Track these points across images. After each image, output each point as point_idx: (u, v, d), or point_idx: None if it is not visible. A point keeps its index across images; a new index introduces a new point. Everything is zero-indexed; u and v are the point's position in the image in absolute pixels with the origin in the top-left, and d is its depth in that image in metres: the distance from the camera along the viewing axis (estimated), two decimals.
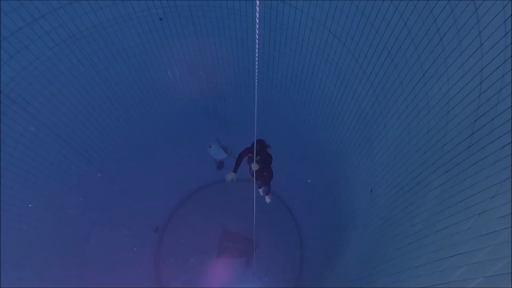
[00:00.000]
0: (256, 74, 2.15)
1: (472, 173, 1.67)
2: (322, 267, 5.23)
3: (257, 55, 1.95)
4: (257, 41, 1.88)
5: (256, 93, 2.37)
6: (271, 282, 6.69)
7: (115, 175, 5.14)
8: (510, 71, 1.44)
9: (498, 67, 1.53)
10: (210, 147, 5.37)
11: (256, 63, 2.02)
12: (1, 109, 2.98)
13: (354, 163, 3.80)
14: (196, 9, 3.40)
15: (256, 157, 3.32)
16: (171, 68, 4.19)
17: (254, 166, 3.35)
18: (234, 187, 6.30)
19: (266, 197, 5.01)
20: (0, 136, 3.06)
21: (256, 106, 2.49)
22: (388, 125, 2.87)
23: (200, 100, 4.95)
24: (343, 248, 4.22)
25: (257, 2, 1.76)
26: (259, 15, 1.94)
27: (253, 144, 3.08)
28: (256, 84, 2.27)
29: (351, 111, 3.50)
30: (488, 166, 1.54)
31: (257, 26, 1.96)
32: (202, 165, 6.60)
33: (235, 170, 3.50)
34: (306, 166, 5.58)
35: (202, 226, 7.07)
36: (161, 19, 3.39)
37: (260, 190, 4.91)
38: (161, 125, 5.15)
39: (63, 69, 3.30)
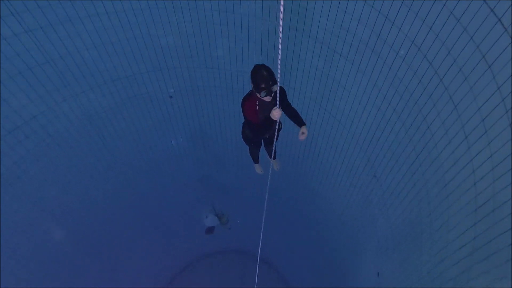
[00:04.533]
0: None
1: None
2: None
3: None
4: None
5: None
6: None
7: (103, 251, 4.81)
8: None
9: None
10: (206, 217, 5.06)
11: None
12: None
13: (359, 242, 3.64)
14: (198, 92, 3.78)
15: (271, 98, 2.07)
16: (175, 137, 4.39)
17: (277, 112, 2.08)
18: (229, 261, 5.83)
19: (275, 162, 3.39)
20: None
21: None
22: (388, 203, 2.87)
23: (198, 167, 5.03)
24: None
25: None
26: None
27: (263, 87, 1.98)
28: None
29: (354, 189, 3.55)
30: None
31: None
32: (195, 236, 6.25)
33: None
34: (310, 245, 5.32)
35: None
36: (171, 97, 3.72)
37: (272, 161, 2.94)
38: (157, 195, 5.09)
39: (73, 143, 3.45)
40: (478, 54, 1.61)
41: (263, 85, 1.96)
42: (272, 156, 2.77)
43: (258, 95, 2.05)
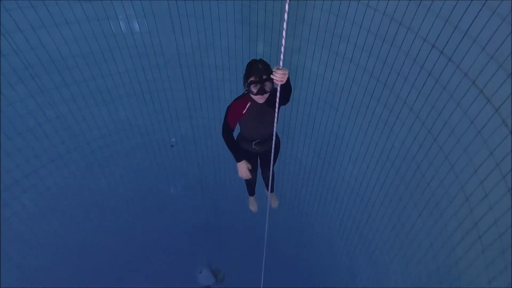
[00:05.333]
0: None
1: None
2: None
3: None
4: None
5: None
6: None
7: None
8: None
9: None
10: (200, 272, 4.59)
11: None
12: None
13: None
14: (200, 141, 3.87)
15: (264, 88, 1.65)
16: (173, 184, 4.36)
17: (279, 75, 1.33)
18: None
19: (272, 196, 2.79)
20: None
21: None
22: (391, 260, 2.71)
23: (195, 214, 4.89)
24: None
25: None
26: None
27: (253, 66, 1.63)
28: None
29: (353, 237, 3.41)
30: None
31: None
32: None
33: (239, 158, 2.07)
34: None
35: None
36: (172, 145, 3.79)
37: (269, 195, 2.69)
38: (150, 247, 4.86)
39: (77, 188, 3.42)
40: (473, 129, 1.69)
41: (253, 78, 1.59)
42: (270, 188, 2.48)
43: (249, 93, 1.66)
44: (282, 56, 1.22)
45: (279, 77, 1.31)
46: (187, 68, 3.19)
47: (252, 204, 2.96)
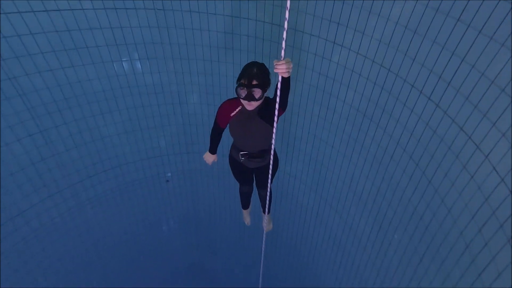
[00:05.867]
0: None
1: None
2: None
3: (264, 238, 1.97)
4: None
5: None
6: None
7: None
8: None
9: None
10: None
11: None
12: None
13: None
14: (196, 175, 3.84)
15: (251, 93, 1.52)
16: (166, 221, 4.22)
17: (282, 66, 1.21)
18: None
19: (267, 218, 2.49)
20: None
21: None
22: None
23: (188, 252, 4.67)
24: None
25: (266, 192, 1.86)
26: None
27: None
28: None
29: (349, 276, 3.24)
30: None
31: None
32: None
33: (212, 150, 2.04)
34: None
35: None
36: (167, 181, 3.75)
37: (264, 217, 2.45)
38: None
39: (72, 225, 3.30)
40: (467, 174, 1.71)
41: (243, 81, 1.49)
42: (266, 210, 2.24)
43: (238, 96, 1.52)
44: (283, 52, 1.13)
45: (283, 68, 1.18)
46: (186, 105, 3.28)
47: (246, 218, 2.77)
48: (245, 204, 2.63)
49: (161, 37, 2.75)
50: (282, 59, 1.18)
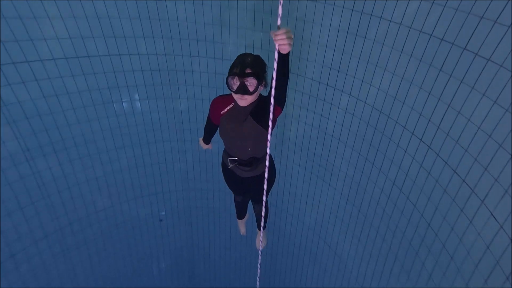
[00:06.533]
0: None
1: None
2: None
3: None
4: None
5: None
6: None
7: None
8: None
9: None
10: None
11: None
12: None
13: None
14: (190, 214, 3.73)
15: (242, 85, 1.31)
16: (157, 262, 4.00)
17: (281, 36, 0.98)
18: None
19: (262, 235, 2.27)
20: None
21: None
22: None
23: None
24: None
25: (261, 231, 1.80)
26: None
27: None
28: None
29: None
30: None
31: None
32: None
33: (206, 140, 1.94)
34: None
35: None
36: (161, 220, 3.62)
37: (259, 233, 2.29)
38: None
39: (55, 271, 3.07)
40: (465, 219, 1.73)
41: (235, 69, 1.28)
42: (262, 226, 2.07)
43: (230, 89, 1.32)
44: (279, 21, 0.94)
45: (283, 38, 0.96)
46: (180, 141, 3.28)
47: (241, 228, 2.55)
48: (240, 214, 2.38)
49: (161, 79, 2.84)
50: (279, 29, 0.97)
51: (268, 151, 1.30)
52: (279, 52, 1.03)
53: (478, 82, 1.49)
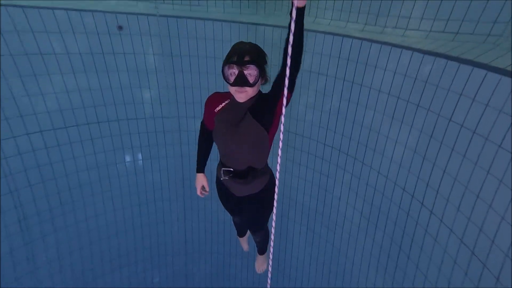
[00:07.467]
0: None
1: None
2: None
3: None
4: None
5: None
6: None
7: None
8: None
9: None
10: None
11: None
12: None
13: None
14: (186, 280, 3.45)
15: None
16: None
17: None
18: None
19: (261, 258, 2.00)
20: None
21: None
22: None
23: None
24: None
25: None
26: None
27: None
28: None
29: None
30: None
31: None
32: None
33: (201, 169, 1.53)
34: None
35: None
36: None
37: (257, 257, 2.02)
38: None
39: None
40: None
41: (234, 58, 1.09)
42: (259, 250, 1.84)
43: (226, 81, 1.13)
44: None
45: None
46: (179, 199, 3.20)
47: (243, 245, 2.25)
48: (241, 232, 2.07)
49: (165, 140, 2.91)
50: None
51: (279, 152, 0.93)
52: (296, 8, 0.88)
53: None
